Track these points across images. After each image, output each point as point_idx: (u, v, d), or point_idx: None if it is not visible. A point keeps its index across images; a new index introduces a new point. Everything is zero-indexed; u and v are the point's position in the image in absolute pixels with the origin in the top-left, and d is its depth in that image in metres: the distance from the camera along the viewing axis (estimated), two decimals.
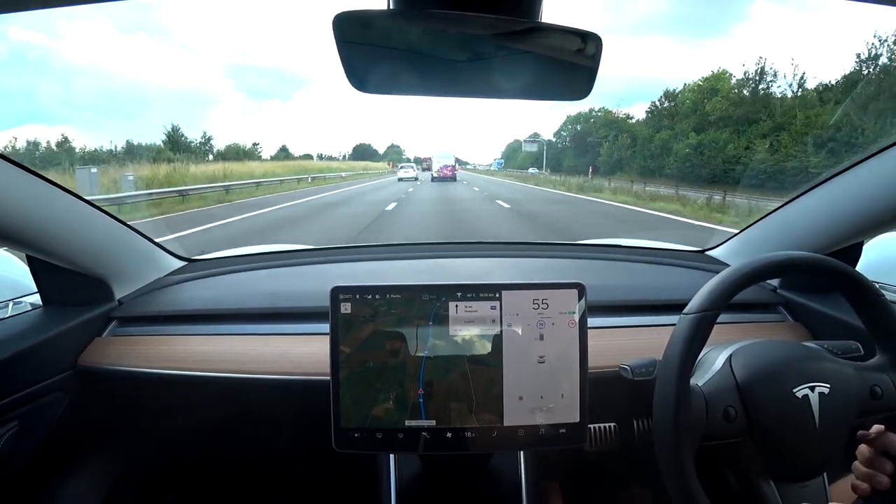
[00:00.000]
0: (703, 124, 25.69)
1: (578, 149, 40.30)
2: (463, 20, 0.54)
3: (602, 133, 36.60)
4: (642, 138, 30.21)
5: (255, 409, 1.00)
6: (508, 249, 1.40)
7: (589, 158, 36.12)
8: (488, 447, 0.69)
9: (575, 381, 0.67)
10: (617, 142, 33.52)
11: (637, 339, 0.91)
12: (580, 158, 38.34)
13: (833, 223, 0.90)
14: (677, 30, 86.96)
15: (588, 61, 0.59)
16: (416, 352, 0.67)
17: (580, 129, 41.24)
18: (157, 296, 1.05)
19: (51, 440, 0.85)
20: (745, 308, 1.00)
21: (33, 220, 0.77)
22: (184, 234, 7.02)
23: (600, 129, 37.04)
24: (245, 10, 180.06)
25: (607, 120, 37.62)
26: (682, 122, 27.84)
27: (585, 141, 38.72)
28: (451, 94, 0.67)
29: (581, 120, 42.23)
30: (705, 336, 0.60)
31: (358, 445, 0.67)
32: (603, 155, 34.63)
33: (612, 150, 33.76)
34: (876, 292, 0.63)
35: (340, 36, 0.55)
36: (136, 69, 75.87)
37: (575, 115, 43.38)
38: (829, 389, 0.60)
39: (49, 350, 0.83)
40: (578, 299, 0.68)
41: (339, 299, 0.67)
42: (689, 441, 0.59)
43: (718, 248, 1.23)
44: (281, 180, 21.00)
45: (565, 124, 46.06)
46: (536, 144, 48.96)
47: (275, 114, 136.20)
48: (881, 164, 0.80)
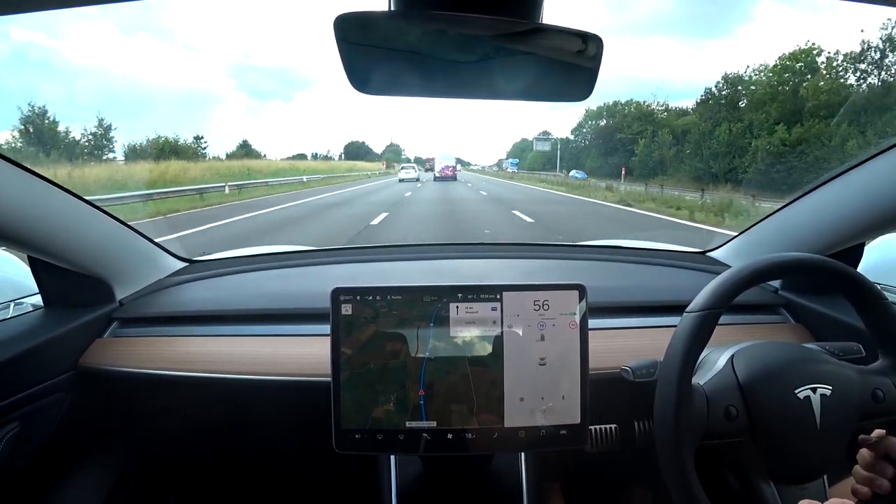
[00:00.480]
0: (793, 114, 19.16)
1: (604, 147, 34.31)
2: (464, 21, 0.54)
3: (635, 128, 30.80)
4: (697, 133, 24.05)
5: (255, 411, 1.00)
6: (509, 250, 1.40)
7: (619, 158, 30.63)
8: (489, 448, 0.69)
9: (576, 383, 0.67)
10: (656, 139, 27.87)
11: (638, 341, 0.90)
12: (607, 158, 32.77)
13: (834, 224, 0.90)
14: (680, 30, 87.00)
15: (589, 62, 0.59)
16: (416, 353, 0.67)
17: (606, 125, 35.26)
18: (158, 297, 1.05)
19: (52, 441, 0.85)
20: (747, 309, 1.00)
21: (34, 221, 0.77)
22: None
23: (633, 124, 31.44)
24: (239, 10, 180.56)
25: (641, 113, 32.15)
26: (755, 111, 21.32)
27: (614, 138, 32.93)
28: (452, 96, 0.67)
29: (605, 114, 35.87)
30: (707, 335, 0.60)
31: (358, 447, 0.67)
32: (638, 154, 28.73)
33: (649, 148, 28.10)
34: (879, 295, 0.63)
35: (341, 37, 0.55)
36: (138, 70, 75.95)
37: (597, 108, 36.95)
38: (831, 391, 0.60)
39: (50, 351, 0.83)
40: (579, 300, 0.68)
41: (339, 300, 0.67)
42: (690, 439, 0.59)
43: (719, 250, 1.23)
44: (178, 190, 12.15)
45: (586, 119, 39.28)
46: (549, 143, 43.79)
47: (257, 110, 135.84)
48: (882, 165, 0.80)
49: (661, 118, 30.89)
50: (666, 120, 29.87)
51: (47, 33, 62.92)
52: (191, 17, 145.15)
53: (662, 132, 27.72)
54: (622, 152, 31.28)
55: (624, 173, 26.08)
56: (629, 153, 30.04)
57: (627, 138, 31.31)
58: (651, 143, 28.23)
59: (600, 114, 36.84)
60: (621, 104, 34.81)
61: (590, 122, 38.62)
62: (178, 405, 1.00)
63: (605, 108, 36.10)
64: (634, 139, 30.12)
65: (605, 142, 34.56)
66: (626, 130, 31.98)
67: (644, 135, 29.35)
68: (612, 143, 33.30)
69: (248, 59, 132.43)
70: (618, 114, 34.40)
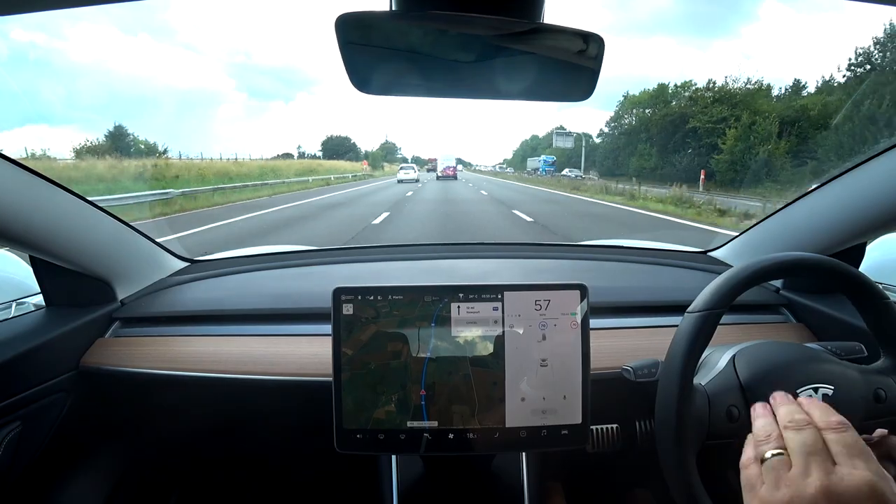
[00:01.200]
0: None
1: (663, 142, 25.11)
2: (465, 21, 0.54)
3: (715, 114, 22.40)
4: (849, 116, 14.91)
5: (256, 411, 1.00)
6: (510, 250, 1.40)
7: (688, 158, 22.80)
8: (490, 448, 0.69)
9: (577, 383, 0.67)
10: (755, 131, 19.58)
11: (639, 341, 0.90)
12: (670, 157, 24.30)
13: (836, 224, 0.90)
14: (683, 29, 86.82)
15: (590, 62, 0.59)
16: (418, 353, 0.67)
17: (666, 112, 26.18)
18: (159, 296, 1.05)
19: (53, 441, 0.85)
20: (748, 309, 1.00)
21: (36, 221, 0.77)
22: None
23: (711, 109, 23.21)
24: (239, 10, 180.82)
25: (725, 94, 23.23)
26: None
27: (682, 128, 23.90)
28: (453, 95, 0.67)
29: (659, 99, 27.13)
30: (709, 335, 0.60)
31: (360, 446, 0.67)
32: (725, 151, 20.53)
33: (744, 142, 19.70)
34: (881, 295, 0.63)
35: (343, 37, 0.55)
36: (139, 70, 76.02)
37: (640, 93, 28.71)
38: (833, 391, 0.60)
39: (52, 351, 0.83)
40: (580, 300, 0.68)
41: (341, 300, 0.67)
42: (692, 439, 0.59)
43: (721, 249, 1.23)
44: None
45: (624, 107, 30.57)
46: (571, 139, 35.25)
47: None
48: (883, 165, 0.80)
49: (762, 102, 22.32)
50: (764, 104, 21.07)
51: (48, 33, 62.96)
52: (191, 16, 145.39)
53: (764, 120, 19.60)
54: (693, 149, 23.22)
55: (703, 177, 17.84)
56: (706, 149, 22.10)
57: (705, 129, 23.02)
58: (747, 135, 20.03)
59: (647, 100, 28.20)
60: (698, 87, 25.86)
61: (635, 111, 29.64)
62: (179, 405, 1.00)
63: (659, 91, 27.16)
64: (714, 130, 22.21)
65: (664, 135, 25.40)
66: (700, 118, 23.64)
67: (732, 124, 21.08)
68: (676, 135, 24.60)
69: (249, 60, 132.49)
70: (680, 98, 26.19)
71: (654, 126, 27.14)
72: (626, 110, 31.39)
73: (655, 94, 28.68)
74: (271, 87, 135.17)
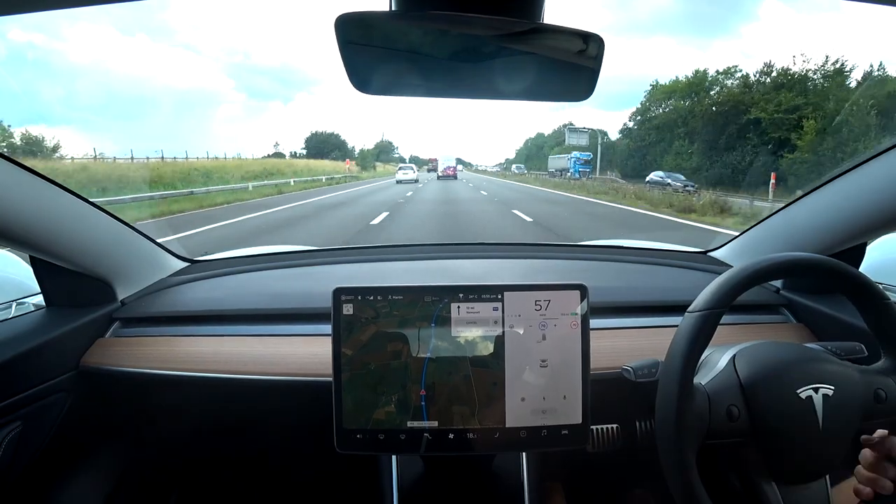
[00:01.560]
0: None
1: (709, 136, 20.16)
2: (465, 21, 0.54)
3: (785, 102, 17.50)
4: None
5: (256, 410, 1.00)
6: (510, 250, 1.40)
7: (749, 156, 17.92)
8: (491, 448, 0.69)
9: (577, 383, 0.67)
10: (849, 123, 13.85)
11: (639, 341, 0.90)
12: (720, 155, 19.39)
13: (836, 224, 0.90)
14: (683, 29, 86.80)
15: (590, 62, 0.59)
16: (418, 353, 0.67)
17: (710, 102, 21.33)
18: (159, 297, 1.05)
19: (54, 440, 0.85)
20: (748, 309, 1.00)
21: (36, 221, 0.77)
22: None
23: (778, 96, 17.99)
24: (238, 10, 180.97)
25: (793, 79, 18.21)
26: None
27: (737, 121, 19.02)
28: (453, 95, 0.67)
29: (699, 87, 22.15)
30: (709, 335, 0.60)
31: (360, 446, 0.67)
32: (804, 149, 15.56)
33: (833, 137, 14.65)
34: (882, 296, 0.63)
35: (342, 37, 0.55)
36: (138, 70, 75.92)
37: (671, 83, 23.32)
38: (833, 391, 0.60)
39: (52, 351, 0.83)
40: (581, 300, 0.68)
41: (341, 300, 0.67)
42: (692, 439, 0.59)
43: (721, 250, 1.23)
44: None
45: (652, 98, 25.02)
46: (586, 135, 30.70)
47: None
48: (883, 165, 0.80)
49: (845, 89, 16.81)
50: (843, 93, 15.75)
51: (46, 34, 63.03)
52: (190, 16, 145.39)
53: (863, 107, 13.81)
54: (757, 145, 18.07)
55: (774, 182, 13.33)
56: (775, 145, 16.89)
57: (771, 120, 17.82)
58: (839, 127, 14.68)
59: (685, 88, 22.97)
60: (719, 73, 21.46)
61: (668, 102, 24.19)
62: (179, 405, 1.00)
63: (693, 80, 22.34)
64: (783, 122, 17.39)
65: (711, 128, 20.26)
66: (765, 108, 18.32)
67: (810, 114, 16.13)
68: (728, 129, 19.45)
69: (248, 60, 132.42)
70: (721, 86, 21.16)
71: (696, 119, 21.69)
72: (656, 101, 25.54)
73: (694, 81, 23.55)
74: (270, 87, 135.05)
